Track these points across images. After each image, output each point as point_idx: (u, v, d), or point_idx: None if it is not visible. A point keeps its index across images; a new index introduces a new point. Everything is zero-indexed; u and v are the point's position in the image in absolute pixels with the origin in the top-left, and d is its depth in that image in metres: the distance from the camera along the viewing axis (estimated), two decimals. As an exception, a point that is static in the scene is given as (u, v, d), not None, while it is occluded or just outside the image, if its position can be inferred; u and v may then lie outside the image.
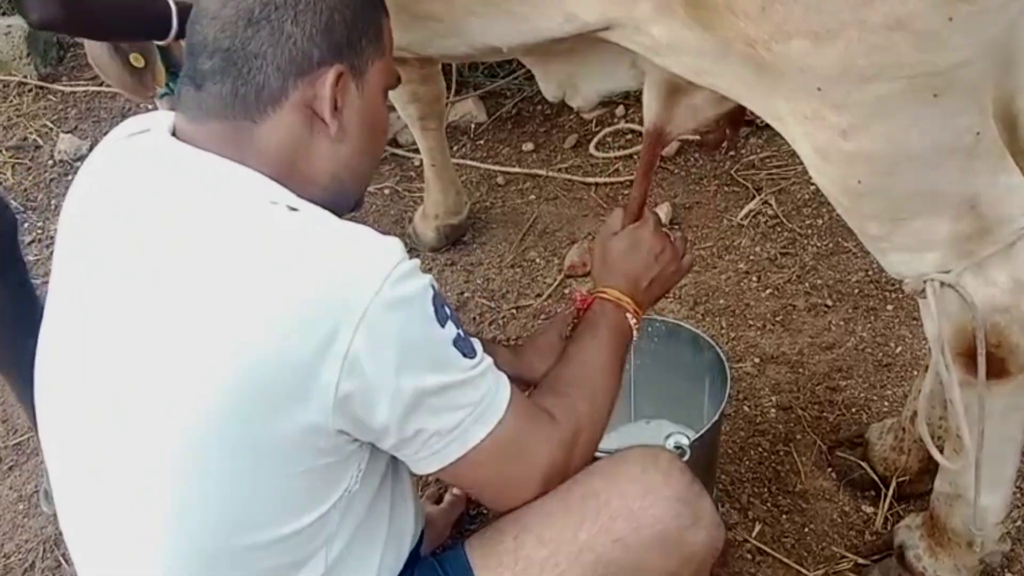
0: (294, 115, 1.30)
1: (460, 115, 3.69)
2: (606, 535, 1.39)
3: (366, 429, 1.25)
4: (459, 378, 1.27)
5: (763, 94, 1.38)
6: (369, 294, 1.18)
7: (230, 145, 1.28)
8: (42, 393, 1.39)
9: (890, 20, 1.17)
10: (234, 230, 1.21)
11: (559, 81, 1.74)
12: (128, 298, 1.24)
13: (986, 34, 1.20)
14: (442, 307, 1.27)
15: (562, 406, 1.44)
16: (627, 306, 1.63)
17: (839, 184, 1.42)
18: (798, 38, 1.23)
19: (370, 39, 1.35)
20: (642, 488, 1.41)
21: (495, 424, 1.32)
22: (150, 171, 1.31)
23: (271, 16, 1.27)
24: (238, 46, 1.27)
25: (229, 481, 1.23)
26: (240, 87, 1.28)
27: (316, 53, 1.29)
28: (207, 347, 1.19)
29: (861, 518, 2.11)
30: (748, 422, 2.36)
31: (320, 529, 1.30)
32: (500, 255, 3.09)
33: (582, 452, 1.44)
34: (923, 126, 1.29)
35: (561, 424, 1.41)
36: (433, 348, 1.25)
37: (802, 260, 2.85)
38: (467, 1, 1.55)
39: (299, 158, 1.32)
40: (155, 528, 1.26)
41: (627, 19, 1.43)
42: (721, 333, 2.62)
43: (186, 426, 1.20)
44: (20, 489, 2.52)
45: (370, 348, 1.19)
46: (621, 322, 1.61)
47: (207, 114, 1.30)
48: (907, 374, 2.43)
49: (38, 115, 4.19)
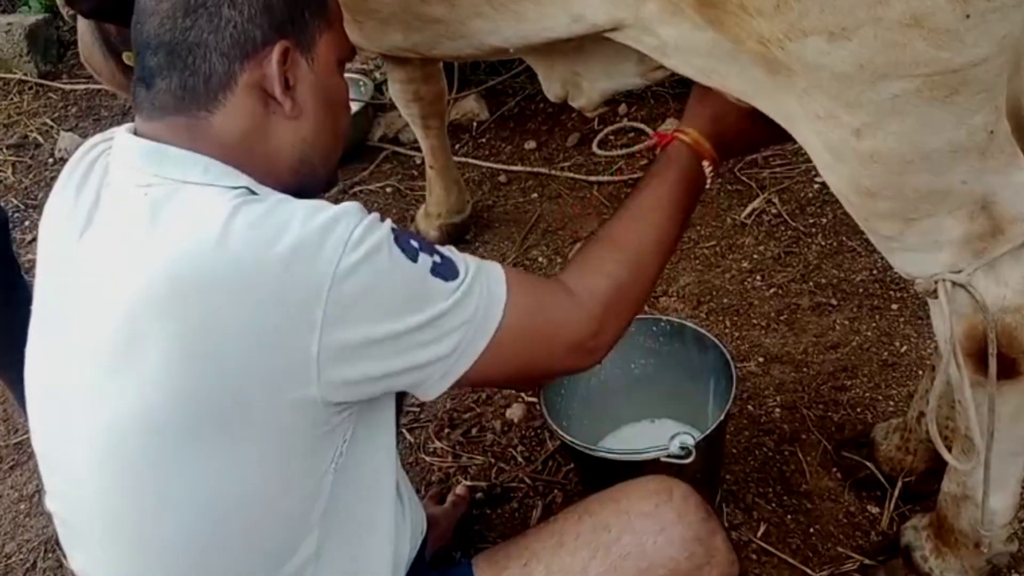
0: (247, 99, 1.29)
1: (462, 113, 3.69)
2: (616, 573, 1.39)
3: (364, 387, 1.25)
4: (446, 304, 1.26)
5: (774, 94, 1.37)
6: (331, 265, 1.18)
7: (187, 137, 1.28)
8: (30, 387, 1.39)
9: (906, 17, 1.16)
10: (195, 218, 1.20)
11: (563, 80, 1.73)
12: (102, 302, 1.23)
13: (1002, 31, 1.19)
14: (408, 243, 1.26)
15: (587, 275, 1.41)
16: (706, 152, 1.54)
17: (851, 184, 1.41)
18: (813, 36, 1.22)
19: (313, 11, 1.34)
20: (655, 525, 1.40)
21: (495, 329, 1.31)
22: (112, 169, 1.31)
23: (207, 3, 1.26)
24: (179, 38, 1.26)
25: (208, 469, 1.23)
26: (188, 79, 1.27)
27: (258, 33, 1.27)
28: (176, 337, 1.17)
29: (867, 518, 2.10)
30: (753, 422, 2.35)
31: (308, 511, 1.30)
32: (503, 254, 3.09)
33: (616, 317, 1.41)
34: (937, 124, 1.28)
35: (578, 296, 1.38)
36: (410, 288, 1.24)
37: (806, 259, 2.84)
38: (472, 3, 1.53)
39: (258, 142, 1.31)
40: (142, 519, 1.26)
41: (634, 20, 1.42)
42: (725, 332, 2.61)
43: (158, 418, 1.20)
44: (21, 488, 2.52)
45: (346, 314, 1.19)
46: (694, 169, 1.54)
47: (161, 111, 1.29)
48: (912, 373, 2.42)
49: (38, 113, 4.19)
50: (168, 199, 1.22)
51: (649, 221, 1.47)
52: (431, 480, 2.35)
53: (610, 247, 1.45)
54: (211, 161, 1.26)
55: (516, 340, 1.32)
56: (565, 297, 1.38)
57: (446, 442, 2.44)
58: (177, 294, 1.17)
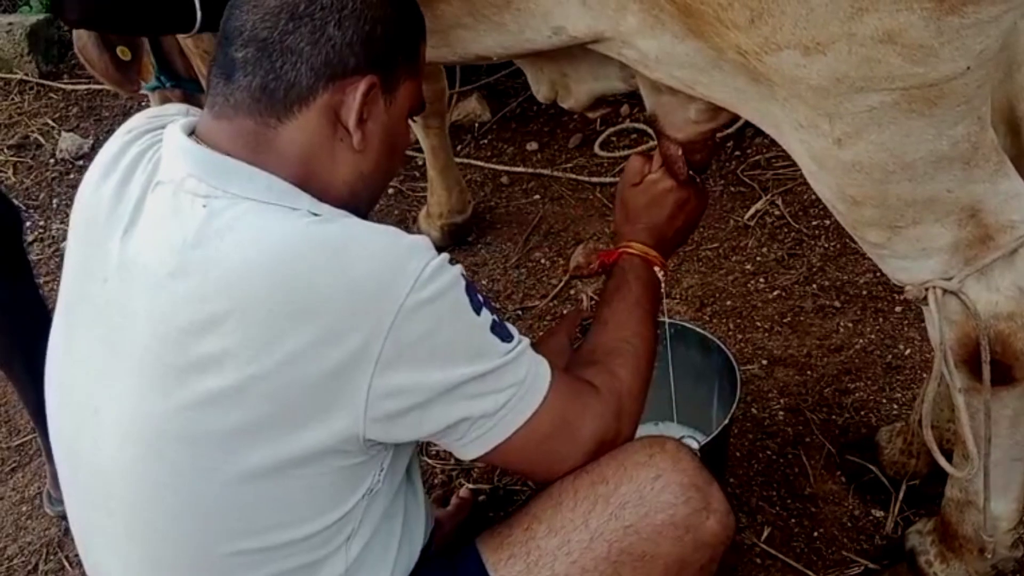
0: (319, 118, 1.29)
1: (464, 114, 3.68)
2: (617, 521, 1.39)
3: (408, 427, 1.26)
4: (498, 363, 1.27)
5: (758, 102, 1.38)
6: (398, 299, 1.18)
7: (251, 146, 1.27)
8: (51, 392, 1.39)
9: (880, 33, 1.16)
10: (257, 238, 1.20)
11: (551, 81, 1.73)
12: (144, 305, 1.24)
13: (979, 46, 1.19)
14: (475, 295, 1.27)
15: (603, 374, 1.45)
16: (654, 259, 1.63)
17: (836, 192, 1.41)
18: (788, 50, 1.22)
19: (406, 58, 1.36)
20: (652, 472, 1.41)
21: (539, 404, 1.32)
22: (163, 170, 1.30)
23: (315, 14, 1.26)
24: (276, 38, 1.26)
25: (251, 487, 1.23)
26: (271, 81, 1.26)
27: (352, 60, 1.28)
28: (233, 357, 1.18)
29: (871, 522, 2.10)
30: (756, 425, 2.34)
31: (341, 528, 1.30)
32: (505, 255, 3.08)
33: (629, 418, 1.45)
34: (918, 136, 1.29)
35: (604, 394, 1.42)
36: (470, 337, 1.26)
37: (809, 261, 2.83)
38: (454, 15, 1.54)
39: (318, 164, 1.30)
40: (169, 531, 1.26)
41: (614, 33, 1.42)
42: (728, 335, 2.60)
43: (208, 434, 1.20)
44: (23, 491, 2.51)
45: (403, 352, 1.19)
46: (650, 276, 1.62)
47: (234, 108, 1.29)
48: (916, 376, 2.41)
49: (39, 113, 4.18)
50: (225, 213, 1.22)
51: (629, 329, 1.55)
52: (434, 483, 2.34)
53: (607, 353, 1.50)
54: (274, 179, 1.26)
55: (554, 420, 1.35)
56: (594, 391, 1.42)
57: (449, 445, 2.43)
58: (234, 313, 1.17)
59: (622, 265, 1.63)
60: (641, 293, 1.59)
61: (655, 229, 1.66)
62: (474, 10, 1.51)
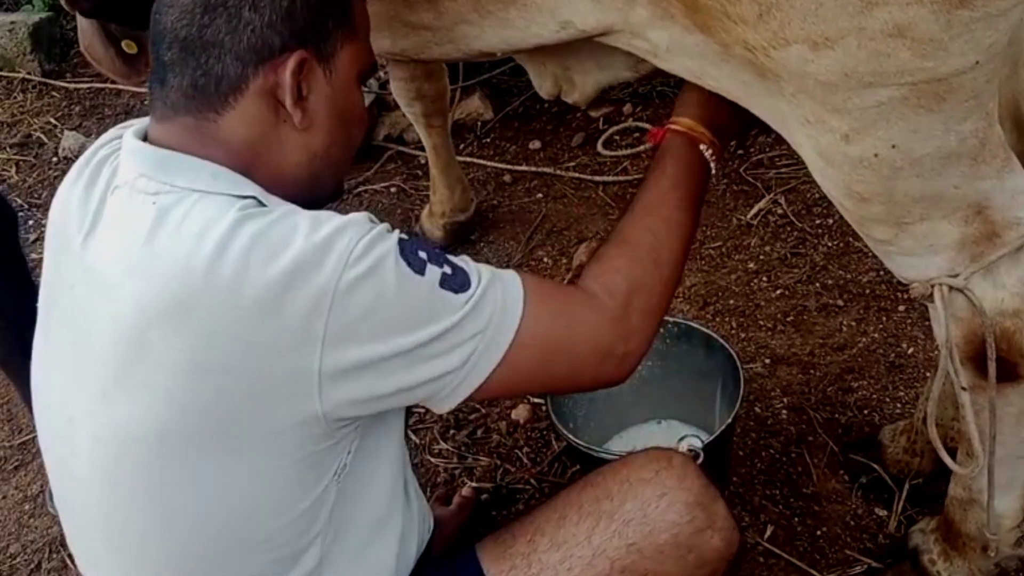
0: (257, 104, 1.26)
1: (466, 113, 3.67)
2: (620, 539, 1.38)
3: (372, 403, 1.24)
4: (454, 319, 1.23)
5: (765, 97, 1.37)
6: (332, 280, 1.16)
7: (196, 140, 1.26)
8: (35, 392, 1.39)
9: (889, 27, 1.16)
10: (198, 230, 1.19)
11: (555, 76, 1.72)
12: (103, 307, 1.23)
13: (988, 40, 1.18)
14: (416, 255, 1.23)
15: (605, 276, 1.38)
16: (702, 137, 1.51)
17: (843, 188, 1.41)
18: (796, 44, 1.21)
19: (337, 21, 1.30)
20: (657, 490, 1.39)
21: (510, 340, 1.27)
22: (120, 173, 1.30)
23: (229, 3, 1.24)
24: (195, 34, 1.24)
25: (214, 483, 1.22)
26: (200, 78, 1.25)
27: (277, 40, 1.25)
28: (179, 352, 1.17)
29: (874, 521, 2.09)
30: (759, 423, 2.34)
31: (314, 517, 1.29)
32: (508, 254, 3.08)
33: (642, 314, 1.37)
34: (926, 131, 1.28)
35: (600, 299, 1.35)
36: (417, 303, 1.22)
37: (813, 260, 2.83)
38: (459, 10, 1.53)
39: (265, 150, 1.29)
40: (144, 528, 1.26)
41: (624, 25, 1.41)
42: (731, 333, 2.60)
43: (165, 430, 1.20)
44: (25, 489, 2.51)
45: (348, 331, 1.18)
46: (693, 156, 1.50)
47: (172, 110, 1.28)
48: (920, 375, 2.41)
49: (42, 112, 4.18)
50: (174, 208, 1.21)
51: (657, 215, 1.45)
52: (436, 481, 2.34)
53: (622, 247, 1.42)
54: (220, 168, 1.24)
55: (537, 350, 1.29)
56: (586, 301, 1.34)
57: (451, 443, 2.44)
58: (181, 307, 1.16)
59: (665, 144, 1.52)
60: (679, 174, 1.47)
61: (708, 106, 1.51)
62: (479, 6, 1.50)
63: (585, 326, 1.33)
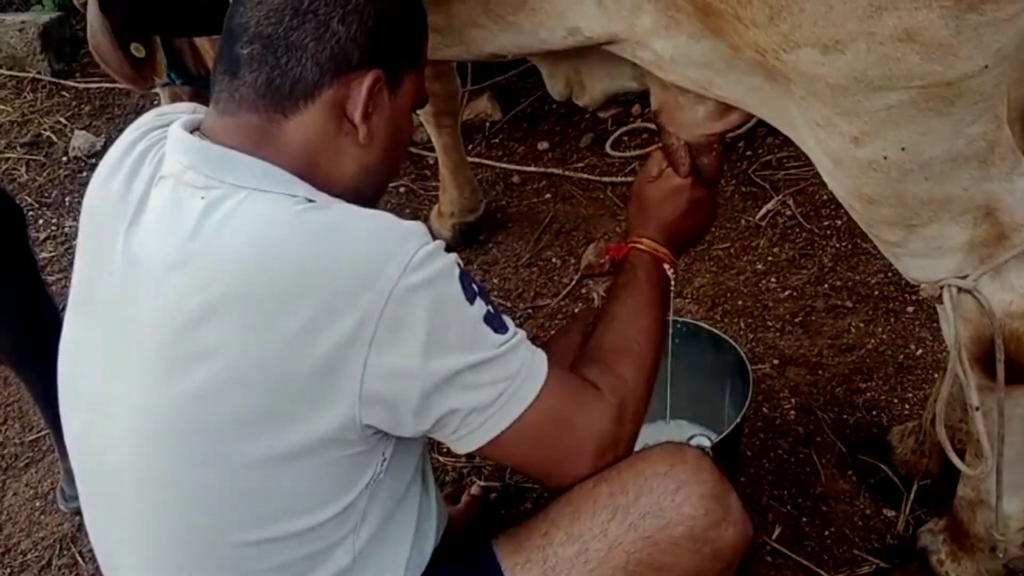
0: (324, 113, 1.30)
1: (475, 113, 3.68)
2: (635, 532, 1.38)
3: (400, 417, 1.25)
4: (491, 354, 1.26)
5: (775, 101, 1.38)
6: (389, 282, 1.18)
7: (254, 140, 1.28)
8: (64, 386, 1.40)
9: (899, 31, 1.16)
10: (251, 226, 1.21)
11: (567, 78, 1.73)
12: (144, 298, 1.25)
13: (997, 44, 1.19)
14: (470, 285, 1.26)
15: (606, 375, 1.42)
16: (664, 256, 1.60)
17: (852, 191, 1.41)
18: (807, 48, 1.22)
19: (409, 52, 1.37)
20: (672, 484, 1.40)
21: (533, 398, 1.31)
22: (167, 164, 1.30)
23: (319, 10, 1.27)
24: (281, 34, 1.27)
25: (255, 477, 1.23)
26: (276, 77, 1.27)
27: (357, 55, 1.29)
28: (229, 345, 1.19)
29: (882, 521, 2.10)
30: (768, 424, 2.34)
31: (346, 519, 1.31)
32: (516, 254, 3.08)
33: (632, 420, 1.43)
34: (935, 134, 1.29)
35: (606, 395, 1.40)
36: (462, 327, 1.24)
37: (821, 261, 2.83)
38: (469, 14, 1.54)
39: (323, 158, 1.31)
40: (178, 523, 1.26)
41: (629, 34, 1.42)
42: (740, 334, 2.60)
43: (210, 425, 1.21)
44: (36, 486, 2.52)
45: (395, 337, 1.19)
46: (659, 273, 1.59)
47: (238, 104, 1.29)
48: (928, 376, 2.41)
49: (52, 112, 4.20)
50: (223, 203, 1.22)
51: (637, 326, 1.52)
52: (445, 480, 2.35)
53: (612, 352, 1.48)
54: (271, 167, 1.26)
55: (551, 417, 1.33)
56: (596, 393, 1.40)
57: (460, 442, 2.44)
58: (234, 301, 1.18)
59: (632, 261, 1.60)
60: (650, 290, 1.56)
61: (667, 226, 1.63)
62: (489, 10, 1.52)
63: (593, 415, 1.39)
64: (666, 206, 1.64)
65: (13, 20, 4.49)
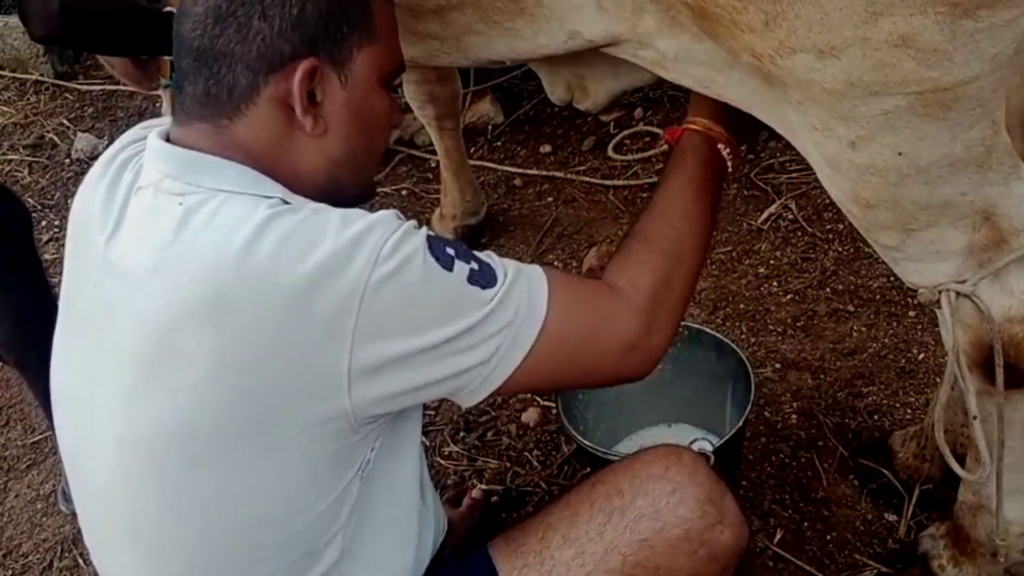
0: (270, 111, 1.27)
1: (477, 116, 3.68)
2: (632, 535, 1.38)
3: (400, 398, 1.25)
4: (482, 312, 1.25)
5: (773, 104, 1.38)
6: (362, 278, 1.17)
7: (214, 142, 1.27)
8: (54, 391, 1.40)
9: (894, 37, 1.16)
10: (227, 229, 1.20)
11: (567, 83, 1.73)
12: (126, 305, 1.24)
13: (993, 50, 1.19)
14: (444, 251, 1.25)
15: (629, 271, 1.39)
16: (719, 136, 1.54)
17: (850, 195, 1.41)
18: (802, 53, 1.22)
19: (354, 26, 1.30)
20: (668, 486, 1.40)
21: (536, 334, 1.29)
22: (144, 173, 1.31)
23: (238, 12, 1.24)
24: (207, 44, 1.25)
25: (241, 478, 1.23)
26: (212, 87, 1.26)
27: (287, 48, 1.25)
28: (209, 348, 1.18)
29: (884, 526, 2.09)
30: (769, 428, 2.34)
31: (336, 514, 1.30)
32: (518, 257, 3.05)
33: (665, 309, 1.38)
34: (932, 140, 1.28)
35: (625, 293, 1.36)
36: (446, 298, 1.23)
37: (823, 265, 2.82)
38: (466, 21, 1.53)
39: (281, 154, 1.29)
40: (168, 525, 1.26)
41: (631, 35, 1.42)
42: (741, 338, 2.60)
43: (196, 426, 1.21)
44: (38, 488, 2.53)
45: (378, 327, 1.19)
46: (712, 154, 1.53)
47: (188, 115, 1.29)
48: (930, 381, 2.41)
49: (55, 114, 4.21)
50: (201, 208, 1.22)
51: (677, 212, 1.46)
52: (446, 483, 2.35)
53: (644, 242, 1.43)
54: (245, 169, 1.26)
55: (562, 343, 1.31)
56: (610, 295, 1.35)
57: (461, 445, 2.44)
58: (210, 306, 1.18)
59: (683, 142, 1.54)
60: (698, 171, 1.48)
61: (724, 106, 1.50)
62: (486, 16, 1.51)
63: (610, 319, 1.34)
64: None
65: (17, 22, 4.49)
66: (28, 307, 2.20)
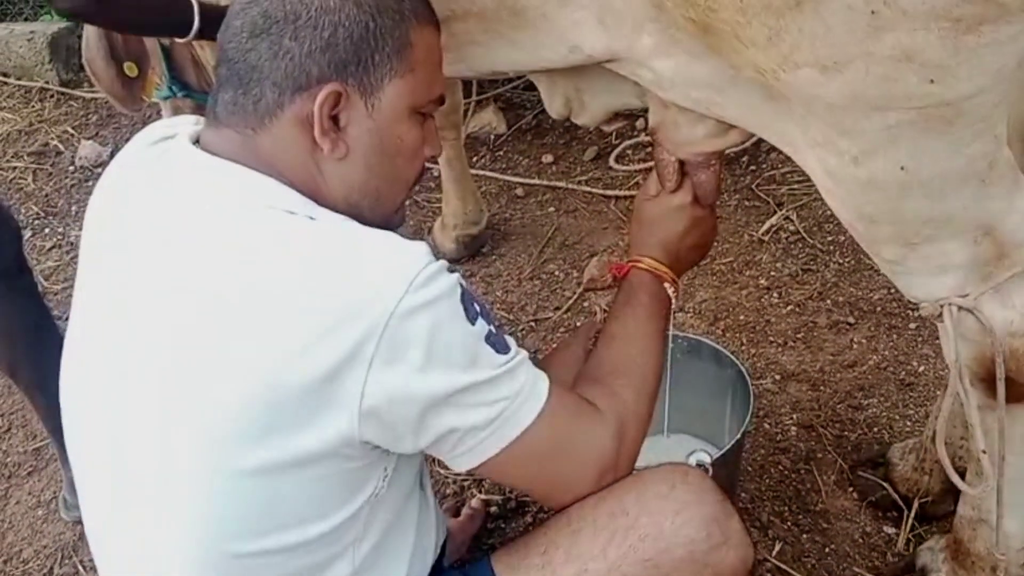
0: (293, 129, 1.28)
1: (479, 126, 3.69)
2: (636, 554, 1.38)
3: (398, 434, 1.25)
4: (491, 374, 1.26)
5: (774, 120, 1.38)
6: (392, 302, 1.18)
7: (238, 151, 1.29)
8: (67, 395, 1.40)
9: (897, 52, 1.17)
10: (254, 241, 1.21)
11: (566, 97, 1.73)
12: (150, 307, 1.25)
13: (995, 65, 1.19)
14: (472, 304, 1.26)
15: (606, 395, 1.41)
16: (664, 275, 1.59)
17: (852, 209, 1.41)
18: (806, 68, 1.22)
19: (387, 55, 1.30)
20: (672, 506, 1.39)
21: (533, 418, 1.30)
22: (170, 178, 1.31)
23: (271, 29, 1.26)
24: (240, 56, 1.28)
25: (254, 487, 1.23)
26: (240, 97, 1.28)
27: (315, 70, 1.26)
28: (230, 358, 1.19)
29: (883, 539, 2.10)
30: (769, 440, 2.34)
31: (346, 531, 1.30)
32: (519, 267, 3.09)
33: (632, 441, 1.42)
34: (934, 154, 1.29)
35: (607, 415, 1.39)
36: (463, 346, 1.24)
37: (824, 277, 2.83)
38: (468, 32, 1.54)
39: (303, 172, 1.30)
40: (178, 532, 1.27)
41: (629, 53, 1.42)
42: (741, 349, 2.61)
43: (211, 435, 1.21)
44: (39, 495, 2.53)
45: (396, 355, 1.19)
46: (659, 292, 1.58)
47: (219, 120, 1.31)
48: (930, 393, 2.41)
49: (59, 121, 4.22)
50: (228, 221, 1.23)
51: (637, 346, 1.51)
52: (446, 493, 2.35)
53: (612, 372, 1.47)
54: (270, 181, 1.26)
55: (550, 437, 1.33)
56: (596, 414, 1.39)
57: (461, 455, 2.44)
58: (238, 315, 1.18)
59: (632, 280, 1.60)
60: (651, 309, 1.55)
61: (668, 245, 1.62)
62: (489, 28, 1.52)
63: (594, 436, 1.38)
64: (666, 224, 1.63)
65: (22, 30, 4.51)
66: (20, 321, 2.20)
